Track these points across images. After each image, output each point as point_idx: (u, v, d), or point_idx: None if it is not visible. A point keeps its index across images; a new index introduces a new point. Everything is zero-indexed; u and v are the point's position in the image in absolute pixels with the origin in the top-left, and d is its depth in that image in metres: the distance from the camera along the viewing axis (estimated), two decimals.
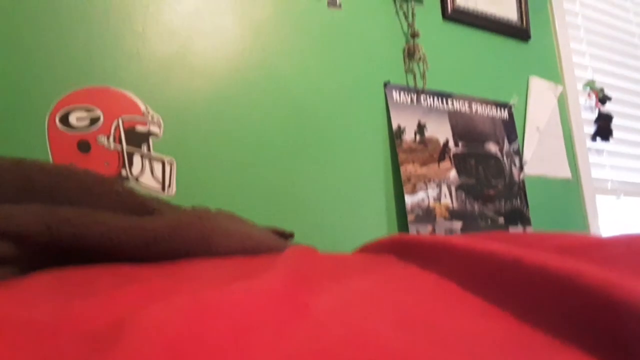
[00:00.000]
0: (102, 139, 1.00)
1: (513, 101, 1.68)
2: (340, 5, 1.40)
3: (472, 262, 0.28)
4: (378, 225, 1.31)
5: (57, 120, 0.97)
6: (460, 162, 1.48)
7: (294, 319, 0.19)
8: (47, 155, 0.96)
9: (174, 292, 0.31)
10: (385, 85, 1.43)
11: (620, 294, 0.19)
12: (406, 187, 1.35)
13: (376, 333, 0.17)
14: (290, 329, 0.17)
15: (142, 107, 1.06)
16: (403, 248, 0.45)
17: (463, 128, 1.53)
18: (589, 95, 1.99)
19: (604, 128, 1.96)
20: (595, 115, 1.99)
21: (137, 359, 0.15)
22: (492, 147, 1.57)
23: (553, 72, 1.88)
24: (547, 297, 0.21)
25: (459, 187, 1.45)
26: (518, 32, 1.79)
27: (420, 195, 1.37)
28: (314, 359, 0.15)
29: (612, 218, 1.91)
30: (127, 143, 1.03)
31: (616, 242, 0.31)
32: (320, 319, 0.20)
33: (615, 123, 1.99)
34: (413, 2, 1.53)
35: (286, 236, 0.95)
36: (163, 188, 1.05)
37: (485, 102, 1.62)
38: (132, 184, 1.02)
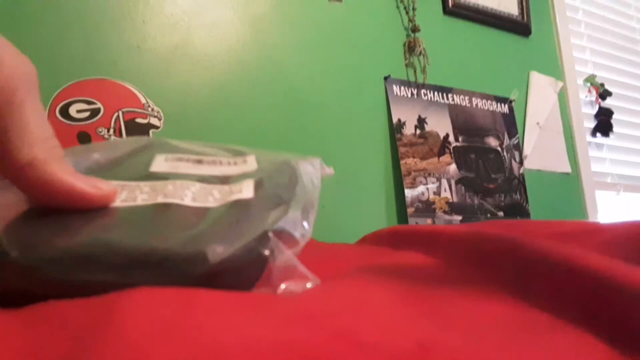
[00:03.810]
0: (102, 131, 1.00)
1: (513, 96, 1.68)
2: None
3: (471, 246, 0.28)
4: (378, 218, 1.31)
5: (57, 112, 0.97)
6: (460, 156, 1.48)
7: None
8: None
9: None
10: (386, 79, 1.42)
11: (618, 276, 0.20)
12: (406, 181, 1.35)
13: (369, 308, 0.18)
14: (285, 301, 0.17)
15: (142, 100, 1.06)
16: (400, 237, 0.45)
17: (463, 122, 1.53)
18: (589, 90, 1.99)
19: (604, 123, 1.96)
20: (595, 110, 1.99)
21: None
22: (493, 141, 1.57)
23: (554, 67, 1.88)
24: (546, 280, 0.22)
25: (458, 181, 1.45)
26: (519, 27, 1.78)
27: (420, 189, 1.37)
28: (303, 321, 0.15)
29: (611, 213, 1.91)
30: (127, 135, 1.02)
31: (615, 228, 0.31)
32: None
33: (615, 118, 1.99)
34: None
35: None
36: None
37: (486, 96, 1.61)
38: None
